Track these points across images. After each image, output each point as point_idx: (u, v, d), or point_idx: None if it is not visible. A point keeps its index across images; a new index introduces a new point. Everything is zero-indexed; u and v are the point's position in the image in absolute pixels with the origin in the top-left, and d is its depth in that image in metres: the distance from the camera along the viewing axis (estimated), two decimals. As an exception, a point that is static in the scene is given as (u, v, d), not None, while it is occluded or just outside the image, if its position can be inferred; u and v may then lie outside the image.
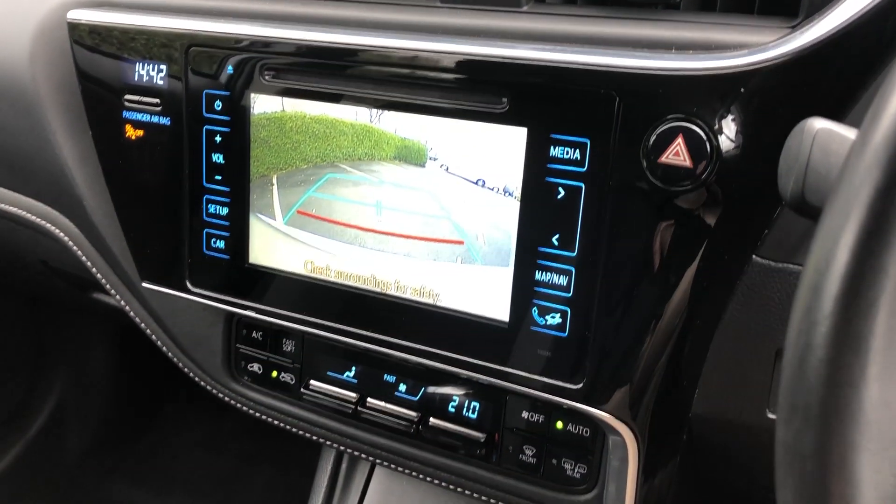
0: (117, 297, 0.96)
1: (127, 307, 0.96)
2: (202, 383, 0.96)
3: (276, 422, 0.93)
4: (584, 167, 0.63)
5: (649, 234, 0.63)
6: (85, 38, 0.85)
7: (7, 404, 1.91)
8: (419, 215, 0.72)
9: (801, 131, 0.46)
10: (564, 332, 0.67)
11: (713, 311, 0.66)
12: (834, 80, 0.58)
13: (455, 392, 0.81)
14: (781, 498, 0.34)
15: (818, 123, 0.45)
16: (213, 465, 2.06)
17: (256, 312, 0.82)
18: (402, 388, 0.84)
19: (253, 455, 2.04)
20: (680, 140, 0.59)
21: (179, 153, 0.81)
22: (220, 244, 0.82)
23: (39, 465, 1.93)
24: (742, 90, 0.58)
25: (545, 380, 0.69)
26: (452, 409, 0.81)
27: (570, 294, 0.66)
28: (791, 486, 0.32)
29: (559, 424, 0.76)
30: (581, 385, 0.67)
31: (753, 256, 0.64)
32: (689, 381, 0.69)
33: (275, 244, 0.79)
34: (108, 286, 0.96)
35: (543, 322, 0.68)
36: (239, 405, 0.94)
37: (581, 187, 0.64)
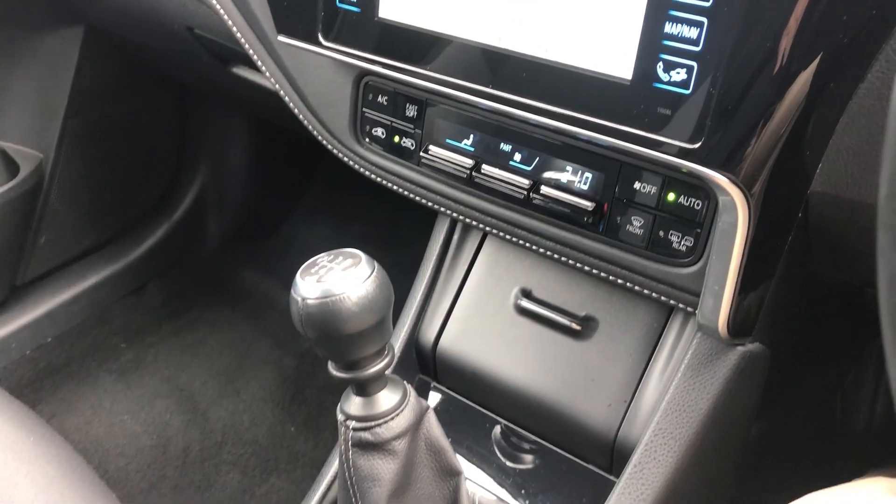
0: (254, 56, 1.00)
1: (262, 67, 1.00)
2: (329, 146, 1.00)
3: (395, 187, 0.97)
4: None
5: (794, -19, 0.59)
6: None
7: (156, 190, 2.08)
8: (551, -35, 0.70)
9: None
10: (688, 88, 0.65)
11: (852, 75, 0.62)
12: None
13: (568, 162, 0.82)
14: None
15: None
16: (338, 266, 2.18)
17: (383, 67, 0.84)
18: (518, 157, 0.85)
19: (377, 260, 2.14)
20: None
21: None
22: (353, -4, 0.83)
23: (183, 246, 2.11)
24: None
25: (663, 139, 0.68)
26: (564, 180, 0.82)
27: (700, 48, 0.64)
28: None
29: (671, 196, 0.76)
30: (699, 144, 0.66)
31: (906, 17, 0.59)
32: (813, 153, 0.67)
33: (405, -3, 0.80)
34: (246, 45, 1.00)
35: (668, 78, 0.66)
36: (362, 169, 0.99)
37: (725, -72, 0.60)
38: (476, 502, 0.82)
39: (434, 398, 1.02)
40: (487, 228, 0.92)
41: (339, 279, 0.66)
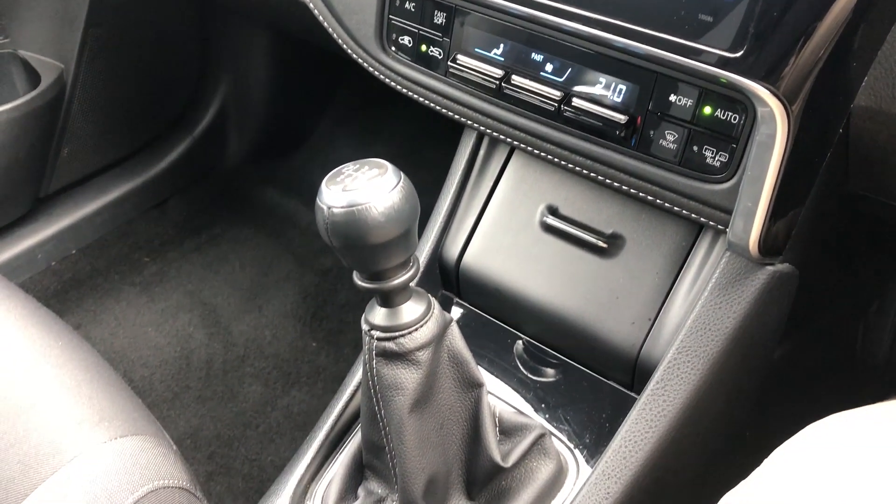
0: (279, -40, 0.97)
1: (287, -29, 0.97)
2: (354, 56, 0.98)
3: (421, 98, 0.95)
4: None
5: None
6: None
7: (177, 104, 2.06)
8: None
9: None
10: (731, -7, 0.63)
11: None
12: None
13: (602, 73, 0.79)
14: None
15: None
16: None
17: (412, -30, 0.81)
18: (549, 67, 0.83)
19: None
20: None
21: None
22: None
23: (205, 161, 2.10)
24: None
25: (703, 47, 0.65)
26: (597, 92, 0.80)
27: (746, -51, 0.61)
28: None
29: (707, 110, 0.73)
30: (741, 54, 0.64)
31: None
32: (859, 65, 0.64)
33: None
34: (270, -52, 0.97)
35: (710, -18, 0.63)
36: (387, 80, 0.97)
37: None
38: (497, 414, 0.83)
39: (456, 313, 1.02)
40: (515, 143, 0.90)
41: (365, 188, 0.65)
